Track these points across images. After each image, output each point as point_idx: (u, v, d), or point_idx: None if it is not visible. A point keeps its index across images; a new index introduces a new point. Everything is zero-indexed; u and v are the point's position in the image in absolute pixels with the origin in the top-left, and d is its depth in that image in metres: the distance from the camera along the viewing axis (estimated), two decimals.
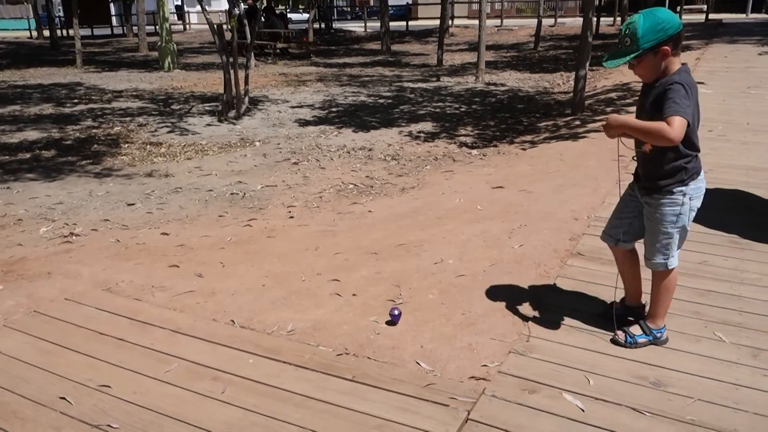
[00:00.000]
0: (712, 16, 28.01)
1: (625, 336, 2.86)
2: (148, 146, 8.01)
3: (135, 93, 12.74)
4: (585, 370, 2.69)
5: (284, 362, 2.86)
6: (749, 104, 8.47)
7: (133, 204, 5.62)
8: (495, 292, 3.43)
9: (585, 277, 3.53)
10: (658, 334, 2.86)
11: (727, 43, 16.12)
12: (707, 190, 2.82)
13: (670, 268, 2.79)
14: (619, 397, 2.50)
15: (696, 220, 4.36)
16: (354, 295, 3.48)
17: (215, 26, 9.51)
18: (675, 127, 2.33)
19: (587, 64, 8.81)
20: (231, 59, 9.45)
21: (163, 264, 4.07)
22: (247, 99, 10.00)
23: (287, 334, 3.11)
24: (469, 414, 2.43)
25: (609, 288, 3.37)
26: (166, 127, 9.22)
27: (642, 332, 2.87)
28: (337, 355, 2.90)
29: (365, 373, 2.74)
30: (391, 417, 2.43)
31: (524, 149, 7.14)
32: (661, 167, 2.66)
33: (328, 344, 3.00)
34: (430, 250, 4.05)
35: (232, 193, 5.89)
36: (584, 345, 2.88)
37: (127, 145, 8.08)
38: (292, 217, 5.08)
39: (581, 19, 9.04)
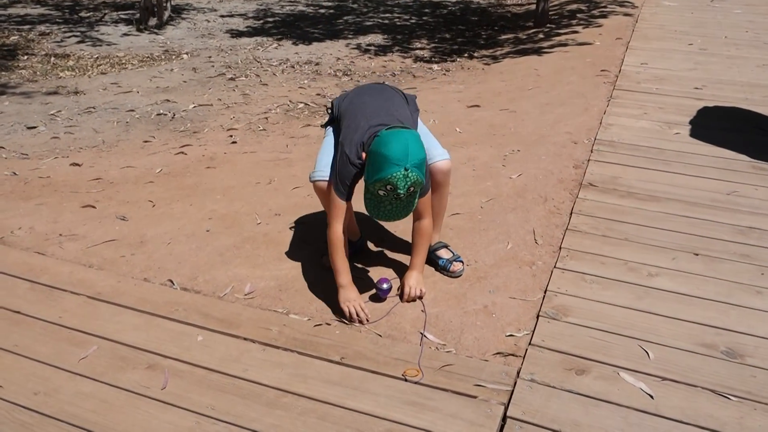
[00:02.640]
0: None
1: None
2: (53, 58, 6.77)
3: None
4: (638, 338, 2.11)
5: (245, 339, 2.14)
6: (719, 18, 7.97)
7: (34, 127, 4.59)
8: (501, 235, 2.78)
9: (604, 213, 2.93)
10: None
11: None
12: (706, 107, 2.24)
13: None
14: (691, 375, 1.94)
15: (708, 140, 3.85)
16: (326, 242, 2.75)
17: None
18: (430, 210, 2.30)
19: None
20: None
21: (74, 204, 3.20)
22: (169, 5, 8.71)
23: (245, 298, 2.38)
24: (506, 409, 1.81)
25: (636, 226, 2.79)
26: (75, 36, 7.90)
27: (453, 254, 2.57)
28: (315, 326, 2.20)
29: (357, 351, 2.07)
30: (401, 418, 1.79)
31: (488, 64, 6.41)
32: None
33: (301, 311, 2.30)
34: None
35: (158, 114, 4.93)
36: (628, 303, 2.29)
37: (26, 57, 6.81)
38: (234, 142, 4.23)
39: None
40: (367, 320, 2.21)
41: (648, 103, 4.46)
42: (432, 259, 2.53)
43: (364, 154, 2.11)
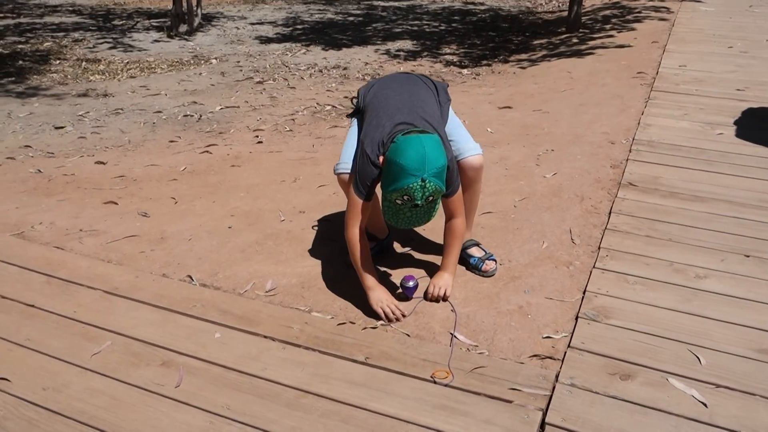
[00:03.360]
0: None
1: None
2: (84, 63, 6.83)
3: (72, 8, 11.24)
4: (688, 342, 1.94)
5: (265, 337, 2.03)
6: (759, 22, 7.71)
7: (62, 127, 4.59)
8: (536, 234, 2.63)
9: (646, 213, 2.76)
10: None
11: None
12: (750, 108, 2.07)
13: None
14: (747, 383, 1.77)
15: (753, 140, 3.64)
16: None
17: None
18: (462, 209, 2.17)
19: None
20: None
21: (97, 200, 3.15)
22: (200, 12, 8.76)
23: (266, 295, 2.27)
24: (545, 415, 1.67)
25: (680, 227, 2.62)
26: (107, 43, 7.98)
27: (485, 252, 2.44)
28: (339, 324, 2.08)
29: (383, 352, 1.94)
30: (429, 422, 1.65)
31: (523, 68, 6.27)
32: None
33: (324, 309, 2.18)
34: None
35: (185, 115, 4.90)
36: (675, 305, 2.13)
37: (58, 62, 6.88)
38: (260, 142, 4.16)
39: None
40: (404, 316, 2.09)
41: (688, 104, 4.28)
42: (463, 258, 2.40)
43: (381, 159, 2.00)
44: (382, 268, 2.40)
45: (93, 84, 5.94)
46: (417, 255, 2.52)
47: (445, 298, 2.18)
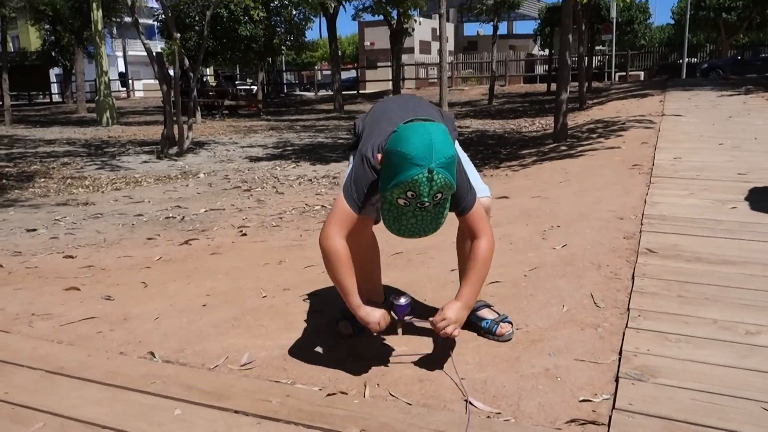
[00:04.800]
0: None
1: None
2: (69, 180, 6.72)
3: (66, 141, 11.42)
4: (758, 400, 1.57)
5: (236, 412, 1.63)
6: (743, 127, 7.84)
7: (34, 230, 4.33)
8: (554, 299, 2.31)
9: (673, 276, 2.46)
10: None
11: (683, 91, 16.00)
12: (756, 188, 1.87)
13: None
14: None
15: None
16: (342, 308, 2.29)
17: (154, 53, 8.45)
18: (487, 226, 1.85)
19: (568, 87, 8.09)
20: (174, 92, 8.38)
21: (57, 287, 2.81)
22: (191, 135, 8.86)
23: (241, 369, 1.90)
24: None
25: (716, 287, 2.31)
26: (95, 164, 7.95)
27: (498, 314, 2.07)
28: (328, 395, 1.70)
29: (383, 424, 1.55)
30: None
31: (515, 171, 6.20)
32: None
33: (310, 381, 1.80)
34: (439, 257, 2.93)
35: (167, 217, 4.67)
36: (732, 361, 1.77)
37: (43, 180, 6.76)
38: (244, 234, 3.89)
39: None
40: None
41: (692, 186, 4.11)
42: (472, 322, 2.06)
43: (379, 156, 1.71)
44: (382, 336, 2.04)
45: (75, 195, 5.77)
46: (419, 324, 2.17)
47: (450, 336, 1.74)
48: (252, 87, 31.80)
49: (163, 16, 10.24)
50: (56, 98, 36.87)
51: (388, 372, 1.82)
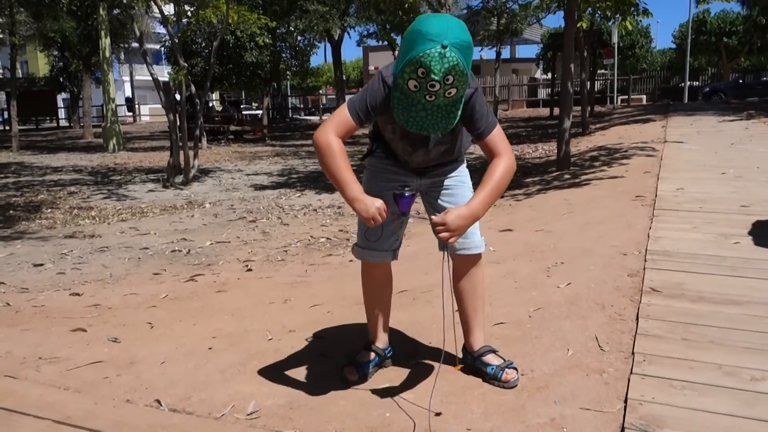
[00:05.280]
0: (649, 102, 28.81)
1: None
2: (75, 210, 6.77)
3: (73, 168, 11.52)
4: None
5: None
6: (745, 155, 7.87)
7: (41, 265, 4.36)
8: (558, 342, 2.31)
9: (677, 317, 2.46)
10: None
11: (684, 116, 16.07)
12: (759, 221, 1.90)
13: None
14: None
15: None
16: (347, 354, 2.30)
17: (161, 83, 8.56)
18: (508, 147, 1.82)
19: (571, 114, 8.14)
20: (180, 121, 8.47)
21: (64, 328, 2.83)
22: (197, 163, 8.93)
23: (247, 419, 1.90)
24: None
25: (720, 329, 2.32)
26: (101, 194, 8.01)
27: (503, 360, 2.06)
28: None
29: None
30: None
31: (518, 200, 6.22)
32: (461, 139, 2.00)
33: (316, 431, 1.81)
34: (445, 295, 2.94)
35: (173, 251, 4.70)
36: (736, 410, 1.77)
37: (50, 211, 6.82)
38: (250, 270, 3.91)
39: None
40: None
41: (695, 219, 4.12)
42: (478, 368, 2.07)
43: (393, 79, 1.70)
44: (381, 386, 2.05)
45: (81, 227, 5.82)
46: (425, 371, 2.18)
47: (446, 239, 1.72)
48: (257, 111, 32.11)
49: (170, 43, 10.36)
50: (63, 122, 37.25)
51: (392, 422, 1.82)
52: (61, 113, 38.24)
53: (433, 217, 1.78)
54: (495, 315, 2.61)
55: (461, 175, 2.10)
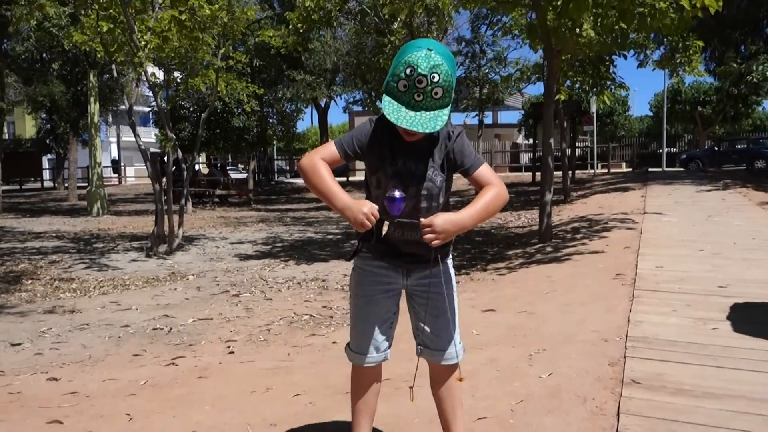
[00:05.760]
0: (628, 169, 29.48)
1: None
2: (56, 282, 6.70)
3: (56, 234, 11.45)
4: None
5: None
6: (722, 229, 8.05)
7: (19, 344, 4.29)
8: None
9: (657, 413, 2.48)
10: None
11: (663, 185, 16.46)
12: (737, 304, 1.97)
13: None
14: None
15: (753, 334, 3.47)
16: None
17: (148, 153, 8.66)
18: (498, 179, 1.90)
19: (552, 187, 8.32)
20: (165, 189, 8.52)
21: (40, 419, 2.77)
22: (181, 232, 8.93)
23: None
24: None
25: (700, 426, 2.34)
26: (83, 263, 7.95)
27: None
28: None
29: None
30: None
31: (502, 275, 6.27)
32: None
33: None
34: (427, 385, 2.93)
35: (154, 329, 4.65)
36: None
37: (30, 282, 6.74)
38: (232, 352, 3.88)
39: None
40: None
41: (674, 301, 4.19)
42: None
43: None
44: None
45: (62, 301, 5.75)
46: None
47: (430, 240, 1.77)
48: (243, 173, 32.33)
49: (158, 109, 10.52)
50: (47, 183, 37.18)
51: None
52: (46, 174, 38.22)
53: (421, 221, 1.82)
54: (477, 408, 2.61)
55: (447, 275, 2.12)
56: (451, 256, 2.17)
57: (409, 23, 12.75)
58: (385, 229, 1.91)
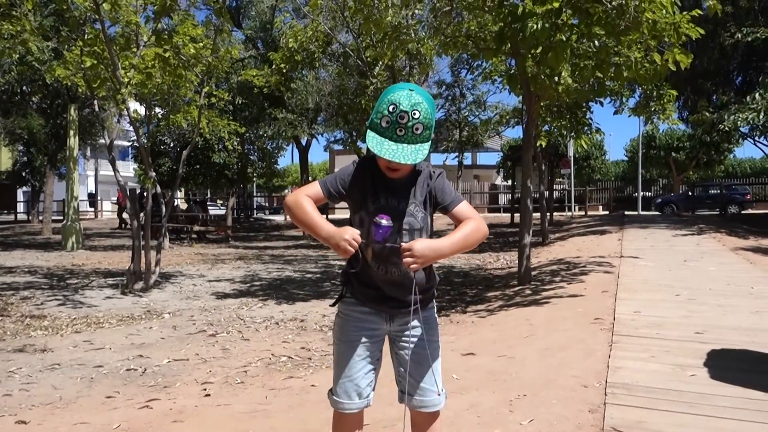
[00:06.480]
0: (605, 212, 29.93)
1: None
2: (27, 319, 6.53)
3: (28, 269, 11.23)
4: None
5: None
6: (696, 273, 8.18)
7: None
8: None
9: None
10: None
11: (639, 228, 16.72)
12: (713, 350, 2.03)
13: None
14: None
15: (729, 381, 3.50)
16: None
17: (128, 190, 8.60)
18: (477, 215, 1.99)
19: (531, 230, 8.41)
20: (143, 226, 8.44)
21: None
22: (158, 270, 8.81)
23: None
24: None
25: None
26: (56, 299, 7.78)
27: None
28: None
29: None
30: None
31: (482, 317, 6.27)
32: (431, 267, 2.12)
33: None
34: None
35: (128, 369, 4.54)
36: None
37: (0, 319, 6.56)
38: (208, 395, 3.80)
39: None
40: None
41: (652, 347, 4.22)
42: None
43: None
44: None
45: (32, 339, 5.60)
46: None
47: (409, 264, 1.83)
48: (222, 208, 32.15)
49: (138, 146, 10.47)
50: (21, 215, 36.57)
51: None
52: (20, 206, 37.64)
53: (402, 245, 1.87)
54: None
55: (431, 320, 2.14)
56: (434, 302, 2.17)
57: (391, 66, 12.97)
58: (369, 253, 1.95)
